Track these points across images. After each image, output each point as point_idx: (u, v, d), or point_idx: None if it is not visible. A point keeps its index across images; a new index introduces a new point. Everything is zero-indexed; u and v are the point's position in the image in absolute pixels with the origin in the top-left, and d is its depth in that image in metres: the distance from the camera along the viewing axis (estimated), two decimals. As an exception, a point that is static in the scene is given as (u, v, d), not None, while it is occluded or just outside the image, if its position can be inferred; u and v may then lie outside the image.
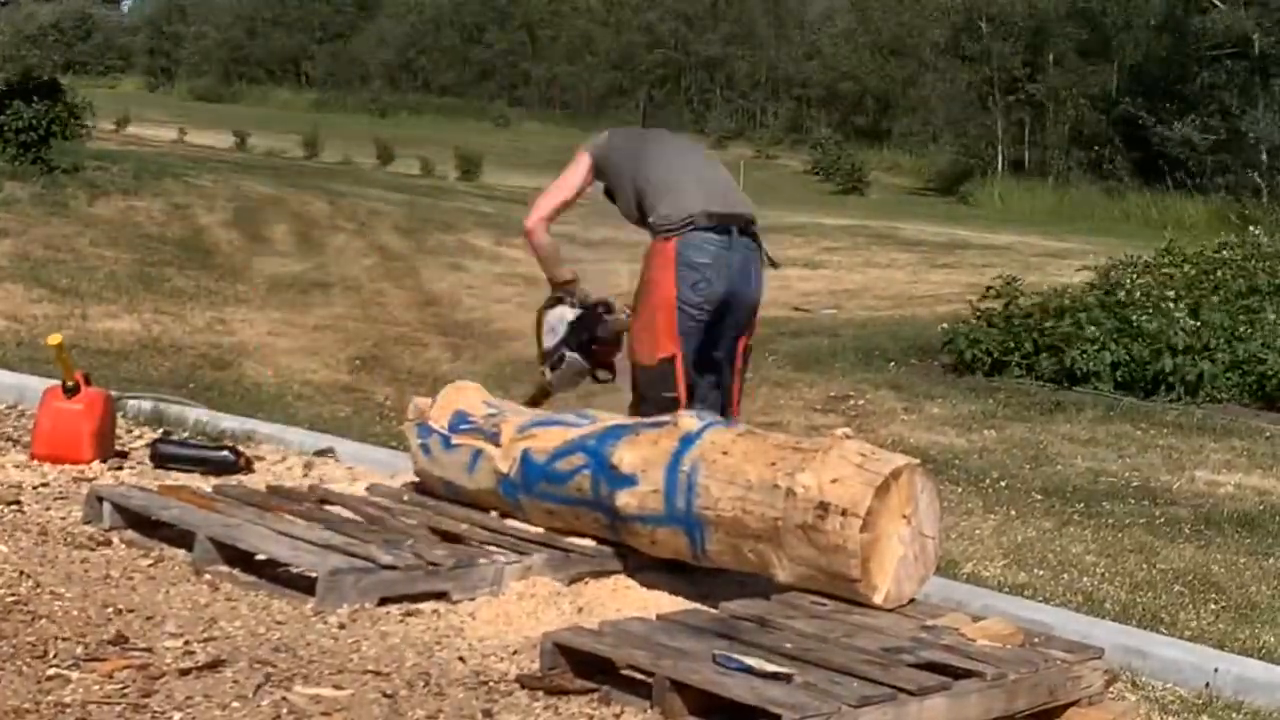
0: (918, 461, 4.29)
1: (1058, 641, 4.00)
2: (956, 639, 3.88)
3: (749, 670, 3.49)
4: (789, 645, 3.70)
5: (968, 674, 3.61)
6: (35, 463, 5.60)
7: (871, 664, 3.59)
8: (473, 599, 4.34)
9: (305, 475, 5.85)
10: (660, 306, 5.00)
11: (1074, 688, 3.82)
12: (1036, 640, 3.94)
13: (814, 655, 3.64)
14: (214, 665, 3.63)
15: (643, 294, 5.09)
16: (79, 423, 5.64)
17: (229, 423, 6.65)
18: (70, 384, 5.66)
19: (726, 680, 3.45)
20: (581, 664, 3.71)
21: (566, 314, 5.42)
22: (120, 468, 5.71)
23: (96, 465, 5.64)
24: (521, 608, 4.30)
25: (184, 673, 3.58)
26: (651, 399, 5.00)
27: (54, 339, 5.81)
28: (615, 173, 5.26)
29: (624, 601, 4.39)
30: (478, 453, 5.05)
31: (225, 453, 5.88)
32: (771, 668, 3.50)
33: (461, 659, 3.90)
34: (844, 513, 4.01)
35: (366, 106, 59.64)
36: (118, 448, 5.90)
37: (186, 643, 3.81)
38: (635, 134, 5.65)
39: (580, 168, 5.34)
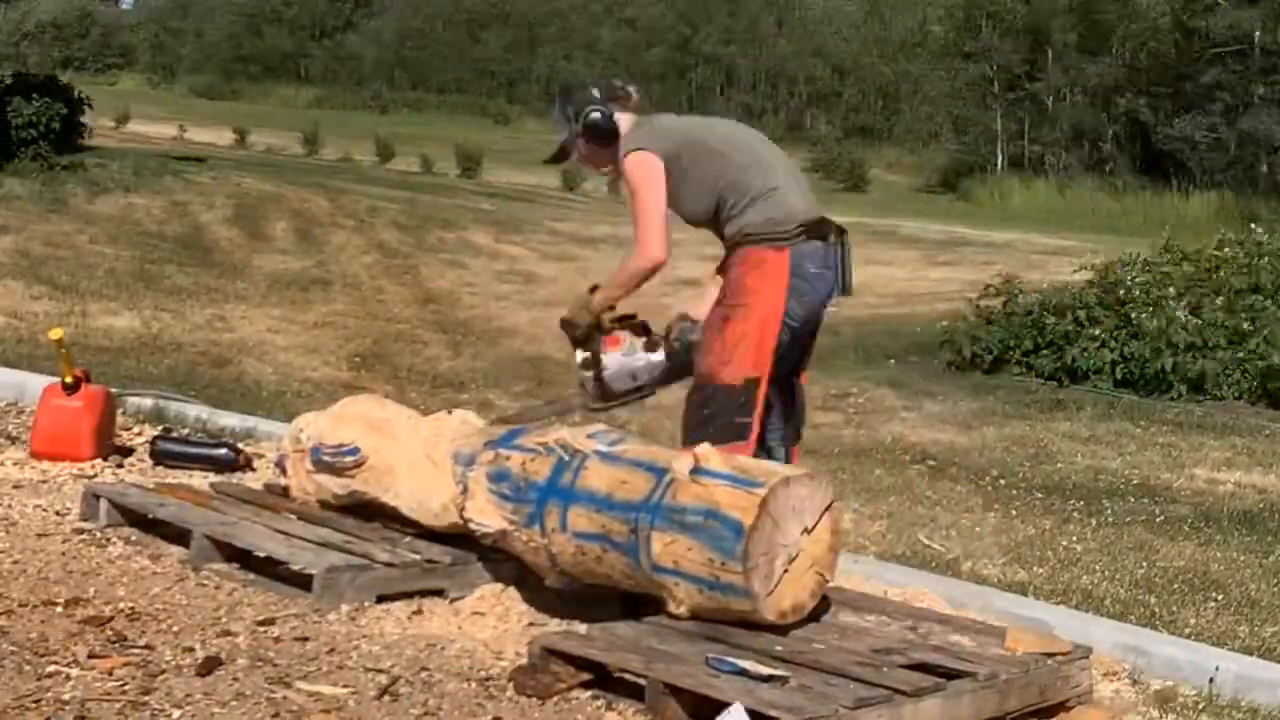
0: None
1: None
2: (945, 640, 3.87)
3: (743, 673, 3.49)
4: (779, 648, 3.69)
5: (960, 674, 3.61)
6: (35, 460, 5.60)
7: (864, 665, 3.58)
8: (471, 596, 4.34)
9: (304, 472, 5.84)
10: (766, 321, 4.48)
11: (1064, 687, 3.83)
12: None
13: (805, 658, 3.63)
14: (213, 662, 3.63)
15: (738, 305, 4.51)
16: (79, 420, 5.63)
17: (229, 420, 6.65)
18: (69, 381, 5.66)
19: (722, 684, 3.44)
20: (572, 667, 3.70)
21: (648, 357, 4.76)
22: (120, 465, 5.71)
23: (97, 462, 5.64)
24: (520, 605, 4.29)
25: (183, 670, 3.58)
26: (723, 422, 4.45)
27: (55, 333, 5.81)
28: (685, 170, 4.59)
29: (623, 601, 4.38)
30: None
31: (225, 450, 5.87)
32: (766, 670, 3.50)
33: (459, 656, 3.90)
34: None
35: (366, 103, 59.63)
36: (118, 445, 5.90)
37: (185, 640, 3.81)
38: (688, 124, 4.81)
39: (659, 172, 4.55)
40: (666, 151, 4.59)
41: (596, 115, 4.69)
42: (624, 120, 4.72)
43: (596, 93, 4.75)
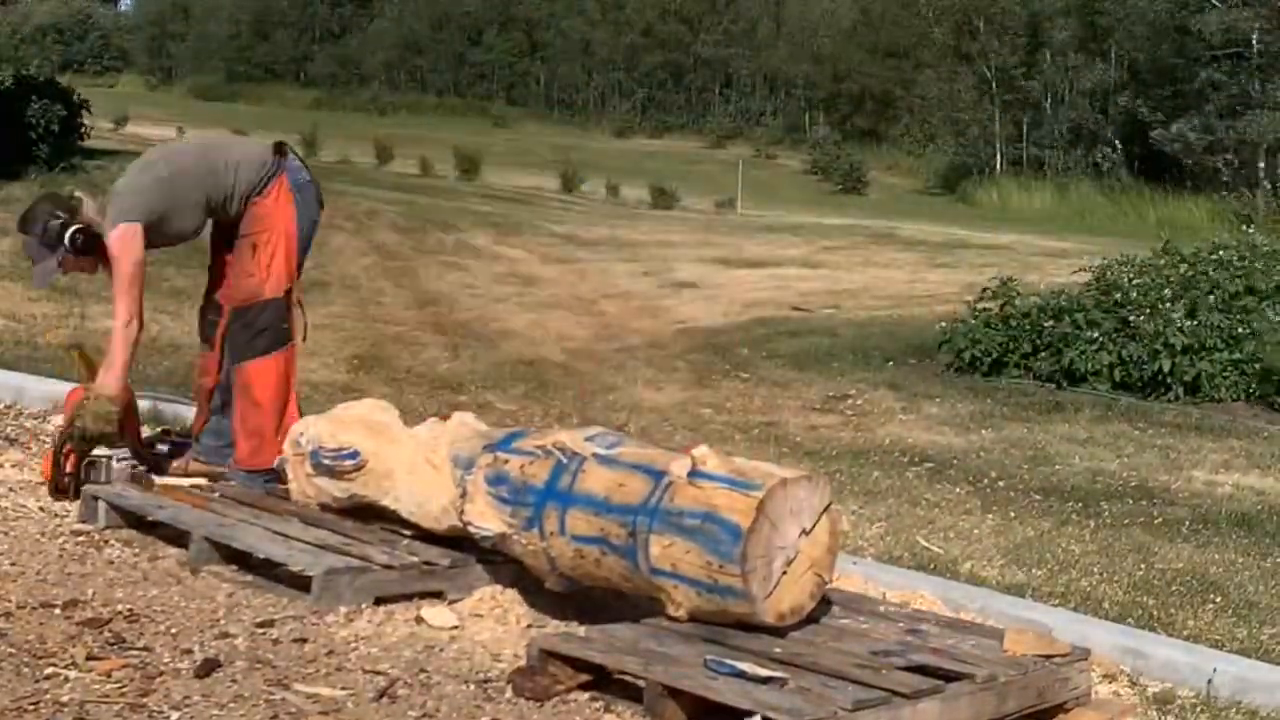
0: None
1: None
2: (944, 642, 3.87)
3: (741, 675, 3.49)
4: (778, 650, 3.69)
5: (958, 676, 3.61)
6: (33, 462, 5.60)
7: (863, 667, 3.59)
8: (470, 598, 4.34)
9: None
10: (285, 237, 5.18)
11: (1062, 689, 3.84)
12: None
13: (804, 659, 3.63)
14: (211, 664, 3.64)
15: (257, 230, 5.15)
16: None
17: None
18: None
19: (720, 685, 3.44)
20: (571, 668, 3.70)
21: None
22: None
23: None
24: (519, 607, 4.30)
25: (181, 672, 3.58)
26: (275, 330, 5.18)
27: (60, 339, 5.83)
28: (177, 204, 5.15)
29: (622, 602, 4.38)
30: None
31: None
32: (764, 672, 3.50)
33: (458, 658, 3.90)
34: None
35: (366, 106, 59.66)
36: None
37: (184, 642, 3.81)
38: (158, 168, 5.26)
39: (137, 242, 5.09)
40: (145, 211, 5.08)
41: (80, 234, 5.10)
42: (91, 210, 5.13)
43: (60, 213, 5.12)
